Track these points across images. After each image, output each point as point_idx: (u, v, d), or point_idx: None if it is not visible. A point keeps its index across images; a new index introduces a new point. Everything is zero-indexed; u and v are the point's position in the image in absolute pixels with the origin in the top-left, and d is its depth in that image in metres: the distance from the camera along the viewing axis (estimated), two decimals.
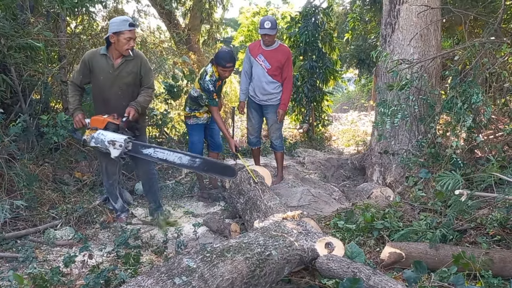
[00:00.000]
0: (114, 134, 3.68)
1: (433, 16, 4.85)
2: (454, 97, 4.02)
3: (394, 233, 3.33)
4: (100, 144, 3.69)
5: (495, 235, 3.16)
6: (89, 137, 3.73)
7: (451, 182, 3.30)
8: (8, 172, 3.97)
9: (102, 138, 3.67)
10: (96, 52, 3.77)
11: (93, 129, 3.74)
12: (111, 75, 3.75)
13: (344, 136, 9.58)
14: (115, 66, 3.74)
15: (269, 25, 4.73)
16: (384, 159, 5.17)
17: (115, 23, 3.63)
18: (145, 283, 1.94)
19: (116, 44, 3.65)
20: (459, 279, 2.40)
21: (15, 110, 4.65)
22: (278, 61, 4.86)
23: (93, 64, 3.73)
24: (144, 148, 3.79)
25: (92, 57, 3.74)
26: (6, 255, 3.33)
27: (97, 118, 3.75)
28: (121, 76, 3.77)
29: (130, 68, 3.79)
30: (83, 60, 3.75)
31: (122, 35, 3.61)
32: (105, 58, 3.73)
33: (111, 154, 3.69)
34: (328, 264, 2.48)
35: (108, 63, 3.73)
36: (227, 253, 2.28)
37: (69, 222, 3.97)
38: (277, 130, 5.18)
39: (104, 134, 3.68)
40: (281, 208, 3.45)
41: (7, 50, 4.30)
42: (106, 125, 3.71)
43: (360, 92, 16.07)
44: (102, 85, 3.78)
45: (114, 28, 3.61)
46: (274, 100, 5.02)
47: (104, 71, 3.74)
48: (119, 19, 3.67)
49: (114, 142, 3.66)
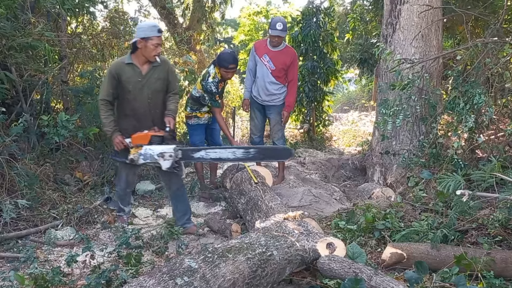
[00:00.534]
0: (161, 147, 3.61)
1: (434, 16, 4.85)
2: (456, 97, 4.01)
3: (396, 234, 3.33)
4: (149, 160, 3.60)
5: (497, 236, 3.16)
6: (136, 156, 3.62)
7: (452, 183, 3.30)
8: (9, 172, 3.96)
9: (150, 153, 3.59)
10: (121, 62, 3.64)
11: (138, 146, 3.62)
12: (140, 84, 3.64)
13: (345, 136, 9.58)
14: (143, 74, 3.64)
15: (281, 26, 4.69)
16: (385, 159, 5.17)
17: (143, 28, 3.55)
18: (147, 284, 1.94)
19: (143, 50, 3.54)
20: (461, 280, 2.40)
21: (15, 110, 4.65)
22: (283, 63, 4.84)
23: (121, 75, 3.60)
24: (195, 152, 3.79)
25: (118, 68, 3.61)
26: (7, 255, 3.33)
27: (138, 135, 3.64)
28: (149, 84, 3.67)
29: (158, 75, 3.69)
30: (110, 74, 3.61)
31: (150, 41, 3.51)
32: (132, 67, 3.62)
33: (162, 166, 3.61)
34: (330, 265, 2.48)
35: (135, 71, 3.62)
36: (229, 254, 2.28)
37: (70, 222, 3.97)
38: (279, 130, 5.17)
39: (152, 148, 3.59)
40: (282, 208, 3.45)
41: (8, 50, 4.30)
42: (150, 139, 3.62)
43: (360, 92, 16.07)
44: (132, 95, 3.64)
45: (142, 34, 3.51)
46: (277, 101, 5.01)
47: (133, 80, 3.62)
48: (147, 25, 3.61)
49: (163, 154, 3.59)
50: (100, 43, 6.33)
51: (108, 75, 3.63)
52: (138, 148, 3.62)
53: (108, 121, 3.66)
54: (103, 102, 3.65)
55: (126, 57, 3.67)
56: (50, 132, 4.36)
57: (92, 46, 6.18)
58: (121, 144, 3.66)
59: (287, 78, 4.95)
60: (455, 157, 3.97)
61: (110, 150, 3.82)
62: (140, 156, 3.61)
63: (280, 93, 4.98)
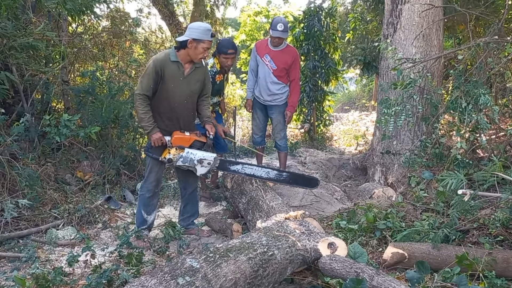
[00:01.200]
0: (203, 153, 3.62)
1: (435, 15, 4.84)
2: (458, 97, 4.00)
3: (397, 233, 3.33)
4: (188, 163, 3.59)
5: (498, 236, 3.16)
6: (176, 157, 3.57)
7: (453, 182, 3.30)
8: (10, 172, 3.97)
9: (191, 157, 3.58)
10: (166, 58, 3.49)
11: (179, 148, 3.58)
12: (181, 83, 3.54)
13: (346, 136, 9.58)
14: (185, 73, 3.55)
15: (282, 27, 4.69)
16: (386, 159, 5.16)
17: (198, 30, 3.43)
18: (148, 283, 1.93)
19: (192, 51, 3.44)
20: (462, 280, 2.39)
21: (16, 110, 4.65)
22: (285, 62, 4.84)
23: (165, 71, 3.47)
24: (232, 165, 3.82)
25: (163, 64, 3.46)
26: (9, 255, 3.33)
27: (181, 136, 3.60)
28: (190, 84, 3.59)
29: (198, 76, 3.63)
30: (154, 68, 3.43)
31: (202, 44, 3.42)
32: (177, 65, 3.51)
33: (197, 172, 3.63)
34: (331, 264, 2.48)
35: (179, 70, 3.52)
36: (230, 253, 2.28)
37: (71, 222, 3.97)
38: (282, 130, 5.18)
39: (193, 153, 3.59)
40: (283, 208, 3.44)
41: (9, 50, 4.30)
42: (192, 143, 3.61)
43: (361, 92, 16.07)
44: (171, 93, 3.54)
45: (197, 35, 3.41)
46: (279, 101, 5.02)
47: (176, 78, 3.51)
48: (202, 27, 3.47)
49: (202, 161, 3.60)
50: (101, 43, 6.33)
51: (152, 69, 3.44)
52: (180, 149, 3.57)
53: (148, 117, 3.49)
54: (141, 97, 3.48)
55: (170, 53, 3.52)
56: (51, 131, 4.37)
57: (93, 46, 6.18)
58: (160, 141, 3.54)
59: (289, 78, 4.95)
60: (458, 157, 3.96)
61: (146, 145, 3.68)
62: (180, 158, 3.57)
63: (282, 93, 4.98)
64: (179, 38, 3.50)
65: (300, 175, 4.28)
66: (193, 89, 3.63)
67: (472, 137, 4.25)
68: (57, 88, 5.34)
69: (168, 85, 3.50)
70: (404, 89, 4.28)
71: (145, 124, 3.51)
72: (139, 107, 3.49)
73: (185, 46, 3.45)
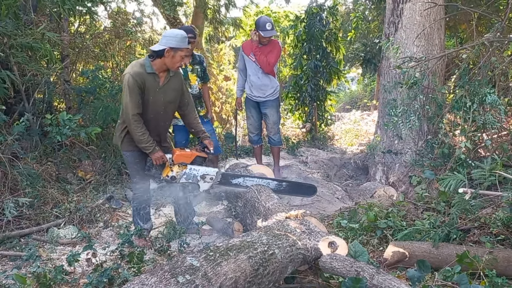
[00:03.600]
0: (205, 168, 3.61)
1: (436, 14, 4.83)
2: (463, 96, 3.99)
3: (398, 232, 3.33)
4: (191, 180, 3.56)
5: (499, 234, 3.15)
6: (179, 174, 3.53)
7: (453, 182, 3.29)
8: (11, 171, 3.98)
9: (194, 173, 3.56)
10: (142, 70, 3.31)
11: (182, 165, 3.53)
12: (158, 93, 3.40)
13: (347, 136, 9.57)
14: (161, 84, 3.41)
15: (270, 26, 4.83)
16: (387, 158, 5.15)
17: (175, 38, 3.29)
18: (148, 282, 1.94)
19: (169, 60, 3.31)
20: (463, 278, 2.39)
21: (18, 109, 4.66)
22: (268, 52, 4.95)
23: (145, 84, 3.31)
24: (234, 178, 3.81)
25: (142, 77, 3.29)
26: (10, 254, 3.35)
27: (183, 153, 3.56)
28: (166, 94, 3.45)
29: (174, 85, 3.50)
30: (136, 83, 3.25)
31: (180, 52, 3.31)
32: (153, 76, 3.35)
33: (201, 188, 3.61)
34: (332, 263, 2.47)
35: (155, 81, 3.37)
36: (231, 252, 2.28)
37: (72, 221, 3.98)
38: (275, 124, 5.29)
39: (196, 169, 3.57)
40: (280, 208, 3.37)
41: (9, 49, 4.31)
42: (194, 159, 3.59)
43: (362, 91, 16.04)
44: (149, 104, 3.39)
45: (174, 43, 3.27)
46: (271, 95, 5.12)
47: (153, 89, 3.37)
48: (180, 35, 3.32)
49: (205, 176, 3.59)
50: (102, 43, 6.34)
51: (134, 85, 3.25)
52: (182, 166, 3.54)
53: (146, 137, 3.34)
54: (136, 118, 3.30)
55: (145, 64, 3.34)
56: (52, 131, 4.38)
57: (94, 46, 6.19)
58: (161, 160, 3.45)
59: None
60: (462, 157, 3.96)
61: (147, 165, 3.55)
62: (184, 175, 3.54)
63: (273, 87, 5.10)
64: (154, 47, 3.35)
65: (298, 183, 4.31)
66: (170, 99, 3.50)
67: (477, 137, 4.24)
68: (58, 88, 5.36)
69: (146, 97, 3.36)
70: (410, 88, 4.28)
71: (145, 145, 3.38)
72: (135, 129, 3.32)
73: (161, 55, 3.31)
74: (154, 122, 3.46)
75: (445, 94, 4.87)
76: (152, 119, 3.44)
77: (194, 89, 4.78)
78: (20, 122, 4.12)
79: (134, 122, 3.30)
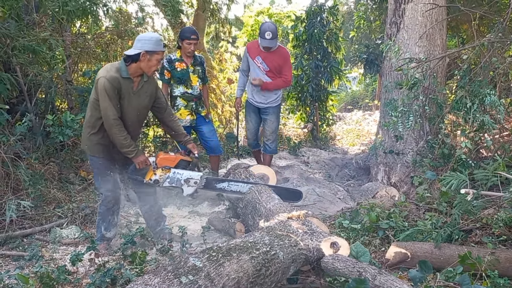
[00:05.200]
0: (189, 172, 3.57)
1: (438, 15, 4.83)
2: (463, 97, 3.99)
3: (399, 233, 3.33)
4: (175, 184, 3.52)
5: (501, 235, 3.15)
6: (163, 178, 3.50)
7: (455, 182, 3.29)
8: (14, 171, 3.99)
9: (178, 177, 3.53)
10: (118, 75, 3.24)
11: (165, 168, 3.51)
12: (132, 98, 3.34)
13: (349, 136, 9.57)
14: (135, 88, 3.36)
15: (270, 35, 4.63)
16: (389, 158, 5.15)
17: (150, 41, 3.25)
18: (152, 282, 1.94)
19: (145, 63, 3.26)
20: (465, 279, 2.39)
21: (20, 109, 4.68)
22: (277, 63, 4.84)
23: (121, 89, 3.26)
24: (218, 183, 3.76)
25: (118, 81, 3.22)
26: (13, 254, 3.36)
27: (166, 157, 3.53)
28: (140, 99, 3.40)
29: (147, 90, 3.44)
30: (111, 88, 3.18)
31: (155, 55, 3.26)
32: (128, 81, 3.30)
33: (184, 192, 3.58)
34: (334, 264, 2.48)
35: (130, 85, 3.31)
36: (233, 253, 2.28)
37: (74, 221, 4.00)
38: (274, 132, 5.17)
39: (180, 172, 3.53)
40: (281, 208, 3.37)
41: (12, 50, 4.32)
42: (178, 162, 3.55)
43: (364, 91, 16.03)
44: (123, 109, 3.33)
45: (150, 47, 3.23)
46: (273, 102, 5.02)
47: (128, 95, 3.32)
48: (155, 38, 3.29)
49: (189, 180, 3.55)
50: (104, 43, 6.35)
51: (111, 89, 3.18)
52: (165, 170, 3.51)
53: (129, 141, 3.30)
54: (117, 122, 3.24)
55: (120, 68, 3.27)
56: (54, 131, 4.39)
57: (96, 46, 6.20)
58: (145, 163, 3.42)
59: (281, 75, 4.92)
60: (463, 157, 3.95)
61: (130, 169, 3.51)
62: (167, 179, 3.51)
63: (276, 94, 4.99)
64: (128, 52, 3.28)
65: (284, 188, 4.25)
66: (143, 104, 3.44)
67: (477, 137, 4.24)
68: (60, 88, 5.37)
69: (121, 102, 3.30)
70: (410, 89, 4.28)
71: (128, 150, 3.32)
72: (118, 133, 3.25)
73: (136, 59, 3.25)
74: (128, 127, 3.36)
75: (446, 94, 4.87)
76: (126, 123, 3.36)
77: (195, 90, 4.81)
78: (23, 122, 4.14)
79: (116, 126, 3.24)
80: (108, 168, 3.46)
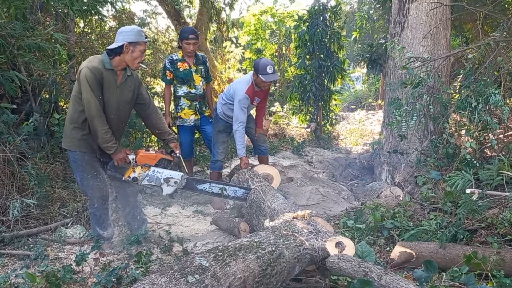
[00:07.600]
0: (169, 171, 3.52)
1: (443, 14, 4.83)
2: (468, 96, 3.99)
3: (404, 233, 3.33)
4: (154, 182, 3.47)
5: (506, 235, 3.14)
6: (142, 175, 3.44)
7: (460, 182, 3.29)
8: (19, 171, 4.01)
9: (158, 175, 3.47)
10: (101, 66, 3.19)
11: (145, 166, 3.45)
12: (115, 92, 3.29)
13: (352, 135, 9.57)
14: (119, 82, 3.31)
15: (271, 69, 4.30)
16: (393, 158, 5.15)
17: (131, 32, 3.23)
18: (158, 281, 1.95)
19: (129, 55, 3.24)
20: (470, 279, 2.39)
21: (25, 109, 4.69)
22: (265, 92, 4.71)
23: (104, 81, 3.20)
24: (199, 184, 3.71)
25: (100, 72, 3.16)
26: (18, 253, 3.37)
27: (147, 154, 3.47)
28: (123, 93, 3.35)
29: (130, 85, 3.40)
30: (95, 78, 3.13)
31: (138, 46, 3.24)
32: (112, 73, 3.26)
33: (163, 192, 3.52)
34: (339, 264, 2.48)
35: (114, 78, 3.27)
36: (239, 252, 2.29)
37: (79, 220, 4.01)
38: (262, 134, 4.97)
39: (160, 171, 3.48)
40: (286, 208, 3.35)
41: (17, 50, 4.34)
42: (158, 161, 3.50)
43: (367, 91, 16.01)
44: (105, 103, 3.26)
45: (132, 38, 3.21)
46: None
47: (111, 87, 3.26)
48: (136, 29, 3.27)
49: (169, 179, 3.51)
50: (108, 43, 6.36)
51: (93, 79, 3.12)
52: (145, 168, 3.46)
53: (110, 135, 3.25)
54: (101, 114, 3.19)
55: (103, 60, 3.23)
56: (59, 131, 4.40)
57: (100, 46, 6.22)
58: (124, 160, 3.37)
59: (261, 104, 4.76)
60: (468, 157, 3.95)
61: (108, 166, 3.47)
62: (146, 177, 3.46)
63: None
64: (111, 46, 3.26)
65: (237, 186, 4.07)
66: (126, 98, 3.39)
67: (482, 137, 4.23)
68: (65, 88, 5.39)
69: (104, 95, 3.23)
70: (414, 88, 4.27)
71: (107, 145, 3.25)
72: (100, 126, 3.18)
73: (119, 52, 3.23)
74: (110, 121, 3.31)
75: (451, 94, 4.86)
76: (109, 118, 3.30)
77: (198, 90, 4.83)
78: (29, 122, 4.15)
79: (99, 118, 3.17)
80: (93, 164, 3.38)
